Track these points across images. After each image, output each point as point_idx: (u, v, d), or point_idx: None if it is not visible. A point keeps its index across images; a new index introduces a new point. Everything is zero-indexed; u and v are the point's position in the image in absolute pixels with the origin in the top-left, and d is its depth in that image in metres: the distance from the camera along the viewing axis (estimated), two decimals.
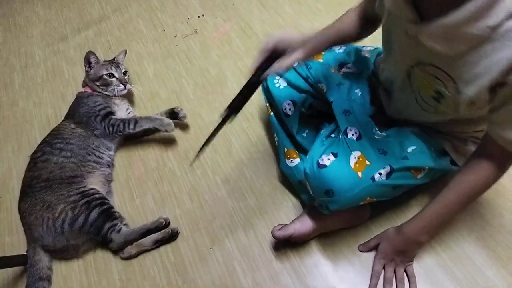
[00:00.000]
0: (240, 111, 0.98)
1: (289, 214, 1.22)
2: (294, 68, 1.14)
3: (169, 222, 1.26)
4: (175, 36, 1.85)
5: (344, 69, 1.14)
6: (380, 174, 0.91)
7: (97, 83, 1.48)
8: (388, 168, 0.91)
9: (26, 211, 1.25)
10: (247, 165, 1.36)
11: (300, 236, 1.09)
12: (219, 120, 0.97)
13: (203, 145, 1.01)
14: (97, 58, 1.51)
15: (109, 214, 1.22)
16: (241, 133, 1.44)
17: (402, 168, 0.92)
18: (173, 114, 1.47)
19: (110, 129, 1.39)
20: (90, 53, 1.50)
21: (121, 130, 1.39)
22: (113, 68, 1.49)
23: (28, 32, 2.08)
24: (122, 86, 1.49)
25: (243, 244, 1.19)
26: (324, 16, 1.77)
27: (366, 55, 1.15)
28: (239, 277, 1.13)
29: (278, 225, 1.12)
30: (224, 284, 1.13)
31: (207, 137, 1.00)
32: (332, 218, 1.10)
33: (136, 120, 1.40)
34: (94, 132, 1.40)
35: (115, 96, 1.49)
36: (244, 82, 1.55)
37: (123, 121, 1.40)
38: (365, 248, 1.10)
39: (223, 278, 1.14)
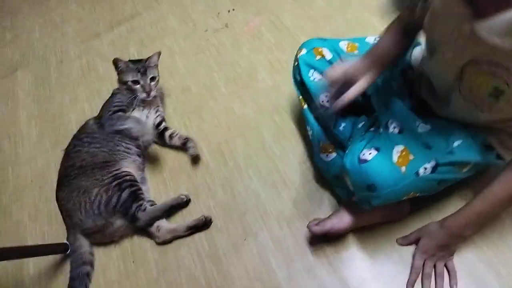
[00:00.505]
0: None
1: (323, 207, 1.21)
2: (328, 61, 1.14)
3: (189, 200, 1.30)
4: (206, 31, 1.87)
5: None
6: (425, 168, 0.89)
7: (124, 87, 1.49)
8: (433, 163, 0.89)
9: (64, 199, 1.29)
10: (279, 158, 1.36)
11: (337, 232, 1.08)
12: None
13: None
14: (124, 63, 1.49)
15: (136, 195, 1.26)
16: (273, 126, 1.44)
17: (448, 163, 0.90)
18: (184, 145, 1.44)
19: (108, 122, 1.41)
20: (116, 60, 1.49)
21: (111, 124, 1.40)
22: (139, 74, 1.47)
23: (63, 29, 2.14)
24: (144, 95, 1.47)
25: (277, 236, 1.19)
26: (355, 8, 1.74)
27: None
28: (273, 268, 1.13)
29: (315, 219, 1.11)
30: (259, 275, 1.13)
31: None
32: (370, 214, 1.08)
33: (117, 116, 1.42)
34: (101, 125, 1.41)
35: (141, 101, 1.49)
36: (275, 76, 1.57)
37: (116, 116, 1.42)
38: (404, 241, 1.08)
39: (258, 269, 1.14)
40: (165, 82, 1.69)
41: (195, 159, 1.42)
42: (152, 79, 1.49)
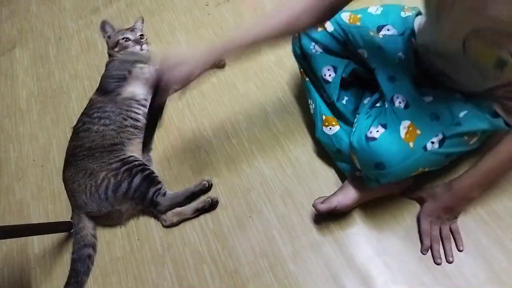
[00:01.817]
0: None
1: (327, 183, 1.20)
2: (330, 33, 1.09)
3: (211, 184, 1.27)
4: (207, 5, 1.82)
5: (383, 32, 1.08)
6: (433, 142, 0.88)
7: (116, 49, 1.52)
8: (440, 136, 0.88)
9: (69, 179, 1.28)
10: (283, 134, 1.33)
11: (343, 208, 1.07)
12: None
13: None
14: (111, 26, 1.57)
15: (151, 179, 1.24)
16: (277, 102, 1.41)
17: (455, 135, 0.89)
18: None
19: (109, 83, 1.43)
20: (104, 23, 1.57)
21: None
22: (128, 32, 1.54)
23: (61, 4, 2.09)
24: (138, 47, 1.52)
25: (281, 212, 1.18)
26: None
27: (408, 14, 1.08)
28: (278, 245, 1.13)
29: (320, 197, 1.10)
30: (264, 252, 1.13)
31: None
32: (375, 188, 1.07)
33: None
34: (110, 95, 1.41)
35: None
36: (278, 51, 1.52)
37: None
38: (410, 195, 1.08)
39: (262, 245, 1.14)
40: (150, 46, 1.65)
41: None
42: (141, 36, 1.56)
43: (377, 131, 0.90)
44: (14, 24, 2.08)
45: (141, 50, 1.53)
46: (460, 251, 1.00)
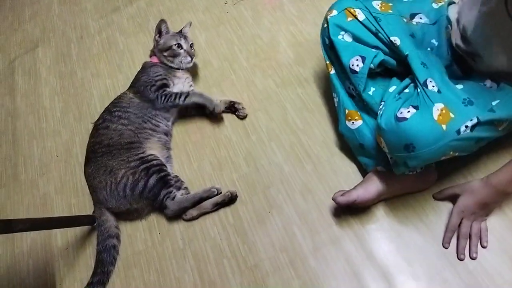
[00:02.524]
0: None
1: (348, 180, 1.20)
2: (361, 22, 1.08)
3: (220, 192, 1.26)
4: (225, 3, 1.83)
5: (416, 19, 1.07)
6: (466, 126, 0.86)
7: (165, 54, 1.49)
8: (475, 120, 0.86)
9: (91, 175, 1.30)
10: (303, 131, 1.34)
11: (362, 203, 1.07)
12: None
13: None
14: (167, 27, 1.52)
15: (165, 181, 1.24)
16: (296, 99, 1.42)
17: (488, 121, 0.88)
18: (232, 107, 1.44)
19: (162, 98, 1.39)
20: (162, 22, 1.51)
21: (171, 101, 1.39)
22: (182, 39, 1.50)
23: (82, 4, 2.13)
24: (189, 58, 1.50)
25: (301, 208, 1.19)
26: None
27: (440, 4, 1.07)
28: (298, 240, 1.14)
29: (339, 191, 1.10)
30: (284, 247, 1.14)
31: None
32: (397, 183, 1.07)
33: (188, 94, 1.41)
34: (149, 101, 1.41)
35: (180, 69, 1.50)
36: (297, 48, 1.51)
37: (176, 93, 1.41)
38: (440, 195, 1.07)
39: (282, 240, 1.15)
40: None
41: (243, 119, 1.44)
42: (191, 45, 1.53)
43: (408, 111, 0.88)
44: (37, 24, 2.12)
45: (191, 62, 1.50)
46: (484, 247, 0.99)
